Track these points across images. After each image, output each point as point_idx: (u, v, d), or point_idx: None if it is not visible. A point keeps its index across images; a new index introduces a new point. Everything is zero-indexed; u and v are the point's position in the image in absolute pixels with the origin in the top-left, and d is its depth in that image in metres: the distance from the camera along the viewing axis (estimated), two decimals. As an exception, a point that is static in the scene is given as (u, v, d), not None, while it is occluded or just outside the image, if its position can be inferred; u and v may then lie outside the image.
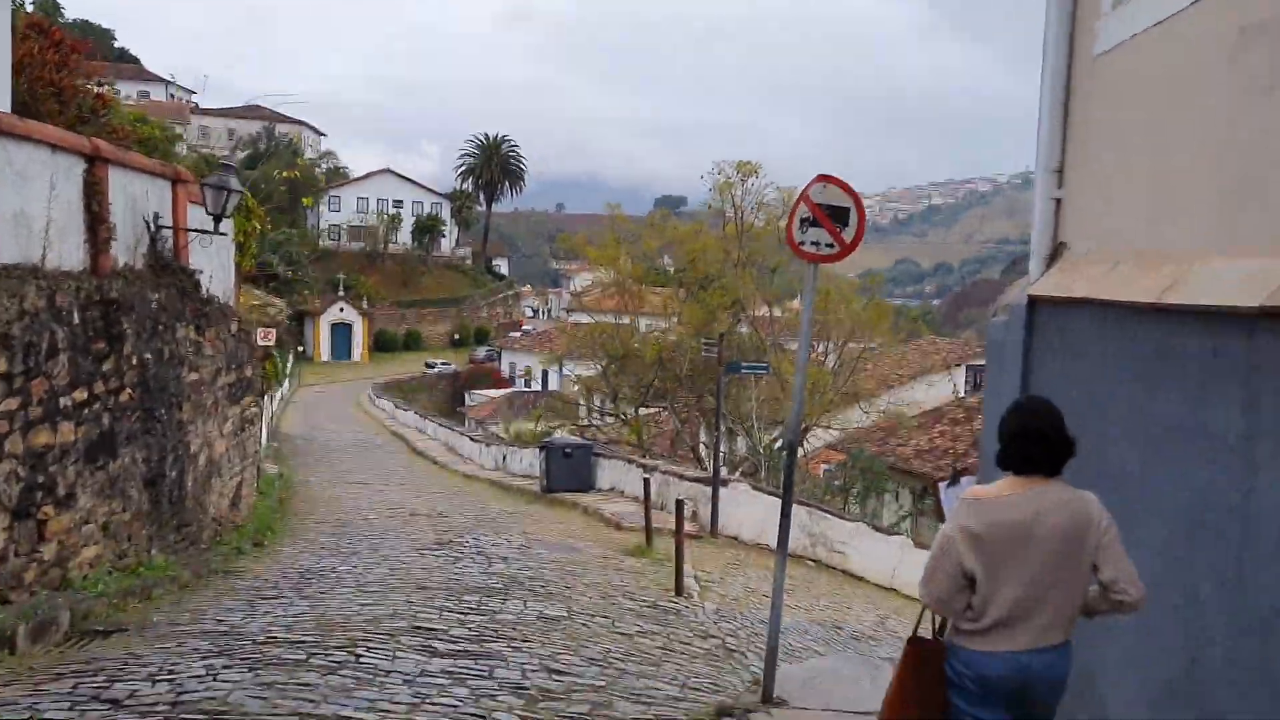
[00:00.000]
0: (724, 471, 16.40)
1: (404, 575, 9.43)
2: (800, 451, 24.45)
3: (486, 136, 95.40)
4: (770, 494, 15.44)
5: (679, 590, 10.06)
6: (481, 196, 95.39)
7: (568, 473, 19.48)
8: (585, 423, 29.60)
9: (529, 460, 23.87)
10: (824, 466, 27.24)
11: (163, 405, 9.30)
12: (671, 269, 27.57)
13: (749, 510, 15.26)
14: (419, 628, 6.95)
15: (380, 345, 77.19)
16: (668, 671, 6.78)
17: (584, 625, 7.81)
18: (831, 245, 5.89)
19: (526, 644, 6.82)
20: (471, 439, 32.23)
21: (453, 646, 6.48)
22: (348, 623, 7.03)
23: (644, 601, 9.36)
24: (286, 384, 59.28)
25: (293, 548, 11.49)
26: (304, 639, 6.40)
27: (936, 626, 3.91)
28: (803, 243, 5.92)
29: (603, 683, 6.15)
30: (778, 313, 23.56)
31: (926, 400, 32.43)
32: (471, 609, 7.89)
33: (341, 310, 74.66)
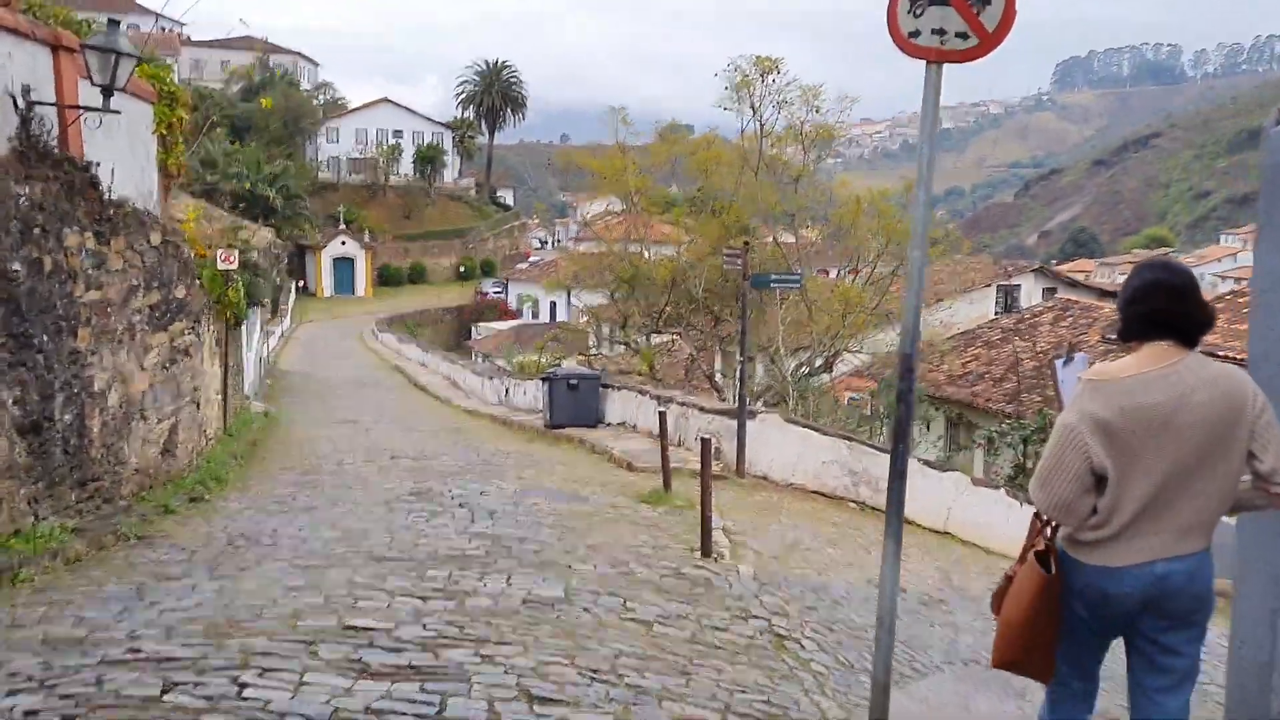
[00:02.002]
0: (748, 402, 14.34)
1: (358, 541, 7.45)
2: (826, 377, 22.46)
3: (486, 63, 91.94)
4: (805, 427, 13.40)
5: (706, 551, 8.08)
6: (483, 125, 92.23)
7: (573, 406, 17.51)
8: (594, 352, 27.57)
9: (533, 393, 21.93)
10: (849, 395, 25.21)
11: (44, 331, 7.27)
12: (681, 198, 25.23)
13: (780, 445, 13.25)
14: (352, 628, 4.96)
15: (384, 280, 75.21)
16: (703, 686, 4.79)
17: (586, 611, 5.83)
18: (964, 35, 3.72)
19: (503, 648, 4.83)
20: (474, 372, 30.35)
21: (393, 660, 4.49)
22: (254, 621, 5.05)
23: (664, 568, 7.38)
24: (288, 319, 57.76)
25: (238, 503, 9.53)
26: (178, 654, 4.42)
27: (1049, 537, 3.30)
28: (915, 33, 3.75)
29: (610, 714, 4.18)
30: (805, 233, 21.27)
31: (958, 323, 30.32)
32: (435, 591, 5.90)
33: (343, 244, 72.59)
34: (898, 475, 4.35)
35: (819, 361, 19.91)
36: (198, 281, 11.65)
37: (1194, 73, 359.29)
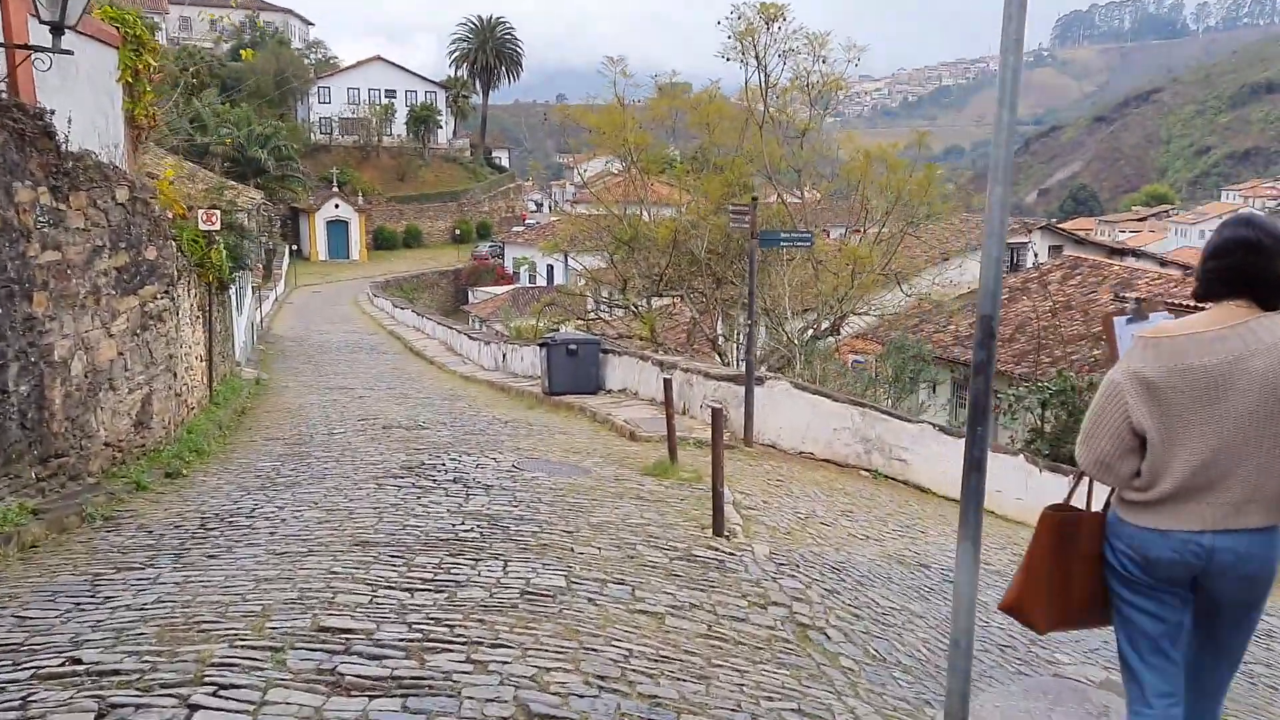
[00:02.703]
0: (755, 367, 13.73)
1: (342, 522, 6.86)
2: (833, 340, 21.85)
3: (480, 19, 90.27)
4: (815, 393, 12.81)
5: (718, 529, 7.51)
6: (477, 84, 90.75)
7: (572, 373, 16.90)
8: (593, 316, 26.92)
9: (530, 359, 21.33)
10: (853, 357, 24.60)
11: (-7, 295, 6.63)
12: (681, 157, 24.38)
13: (789, 412, 12.67)
14: (328, 629, 4.38)
15: (379, 243, 74.38)
16: (724, 693, 4.22)
17: (590, 602, 5.25)
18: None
19: (498, 651, 4.25)
20: (470, 337, 29.72)
21: (372, 670, 3.91)
22: (216, 623, 4.47)
23: (674, 549, 6.80)
24: (281, 284, 57.01)
25: (218, 478, 8.95)
26: (124, 666, 3.84)
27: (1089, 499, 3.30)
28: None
29: (621, 733, 3.62)
30: (810, 192, 20.51)
31: (966, 281, 29.66)
32: (423, 582, 5.32)
33: (337, 207, 71.64)
34: (974, 466, 3.74)
35: (825, 324, 19.26)
36: (174, 242, 10.97)
37: (1196, 26, 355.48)
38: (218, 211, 15.17)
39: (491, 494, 8.14)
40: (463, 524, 6.88)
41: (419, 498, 7.85)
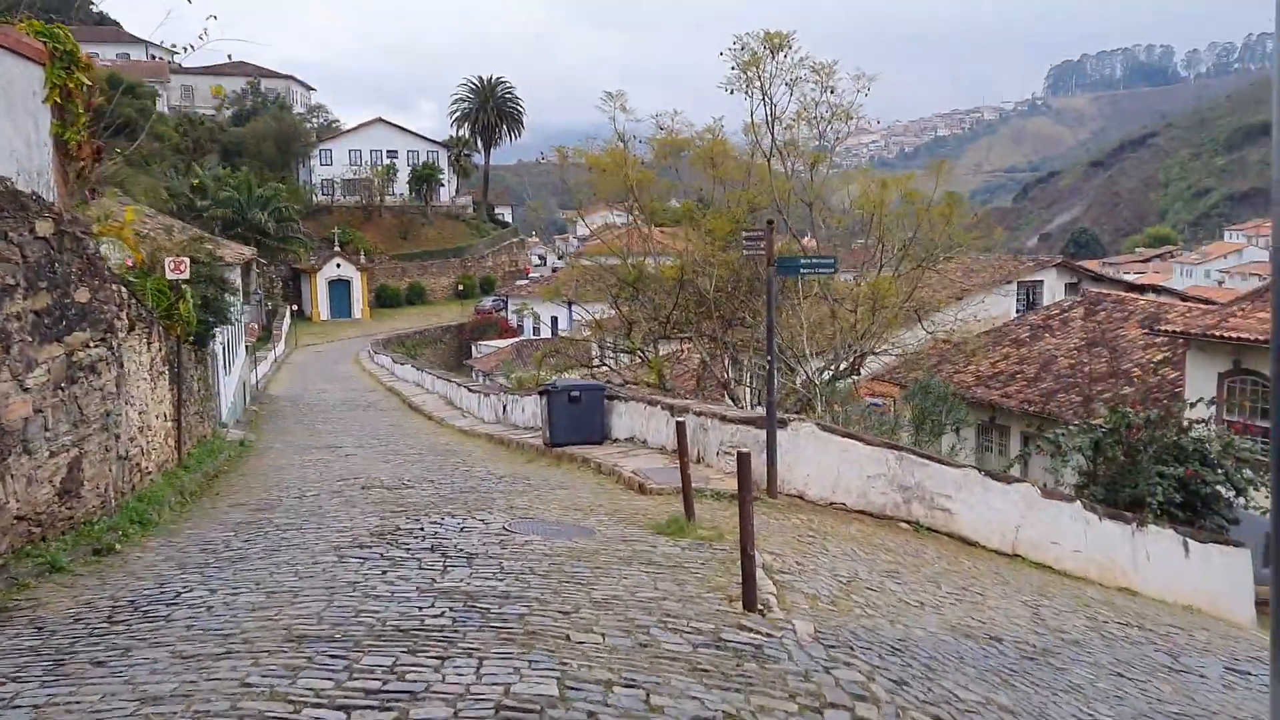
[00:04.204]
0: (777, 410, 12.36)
1: (283, 607, 5.51)
2: (853, 380, 20.52)
3: (481, 79, 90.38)
4: (846, 436, 11.45)
5: (749, 603, 6.13)
6: (479, 143, 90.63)
7: (575, 421, 15.58)
8: (598, 365, 25.64)
9: (532, 410, 20.03)
10: (869, 400, 23.23)
11: None
12: (683, 209, 23.28)
13: (817, 458, 11.31)
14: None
15: (381, 301, 73.60)
16: None
17: (590, 717, 3.88)
18: None
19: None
20: (470, 390, 28.48)
21: None
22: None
23: (697, 632, 5.42)
24: (282, 344, 56.04)
25: (155, 554, 7.60)
26: None
27: None
28: None
29: None
30: (821, 222, 19.30)
31: (981, 321, 28.38)
32: (366, 695, 3.96)
33: (338, 266, 70.98)
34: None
35: (844, 364, 17.94)
36: (120, 286, 9.75)
37: (1187, 73, 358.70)
38: (187, 260, 13.98)
39: (474, 565, 6.78)
40: (432, 606, 5.51)
41: (384, 572, 6.49)
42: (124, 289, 10.37)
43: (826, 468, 11.30)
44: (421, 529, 8.32)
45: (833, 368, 17.70)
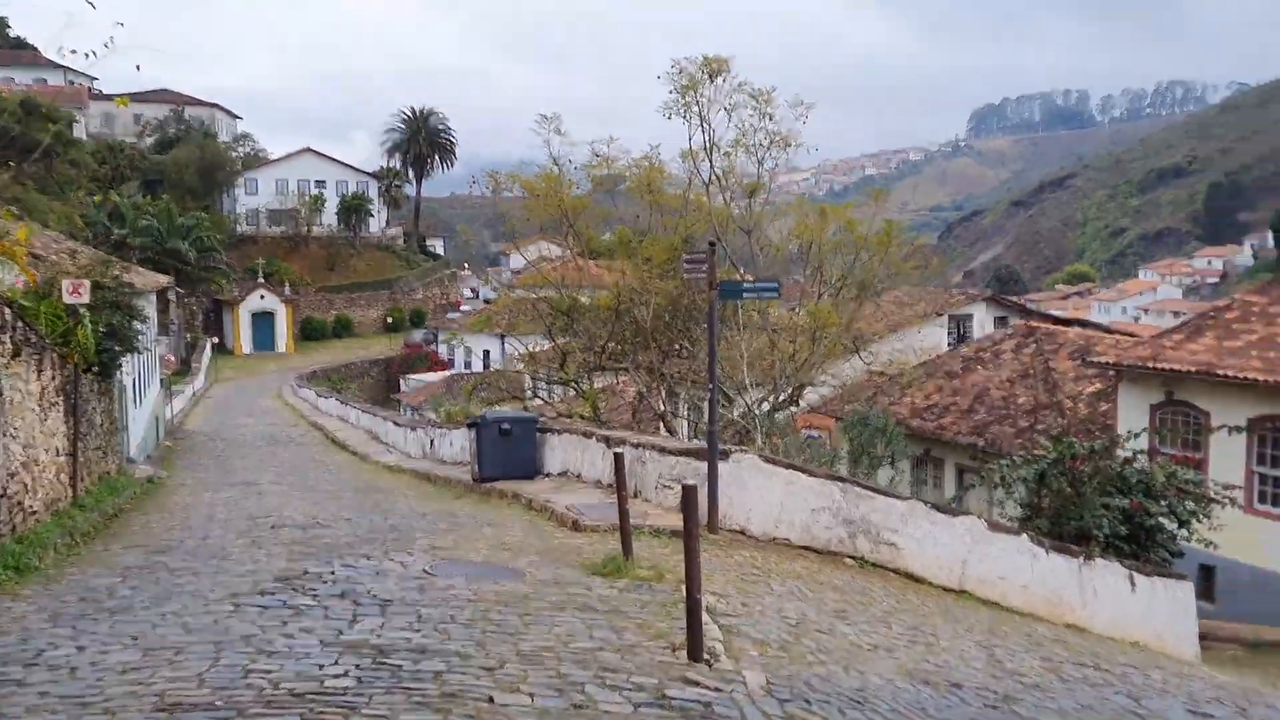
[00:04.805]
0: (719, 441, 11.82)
1: (156, 669, 4.76)
2: (793, 411, 20.17)
3: (414, 110, 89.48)
4: (790, 468, 10.97)
5: (695, 652, 5.54)
6: (410, 173, 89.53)
7: (506, 455, 14.88)
8: (531, 398, 24.94)
9: (461, 443, 19.24)
10: (806, 432, 22.92)
11: None
12: (617, 241, 22.78)
13: (760, 491, 10.80)
14: None
15: (307, 334, 71.72)
16: None
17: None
18: None
19: None
20: (396, 424, 27.53)
21: None
22: None
23: (639, 689, 4.81)
24: (201, 378, 54.10)
25: (28, 604, 6.74)
26: None
27: None
28: None
29: None
30: (759, 251, 18.97)
31: (916, 353, 28.38)
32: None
33: (262, 298, 69.08)
34: None
35: (783, 395, 17.55)
36: (3, 308, 8.87)
37: (1101, 117, 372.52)
38: (88, 284, 13.03)
39: (388, 613, 6.09)
40: (335, 664, 4.82)
41: (284, 623, 5.76)
42: (7, 310, 9.48)
43: (770, 501, 10.79)
44: (332, 573, 7.58)
45: (772, 399, 17.29)
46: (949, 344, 32.88)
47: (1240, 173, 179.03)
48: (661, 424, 19.30)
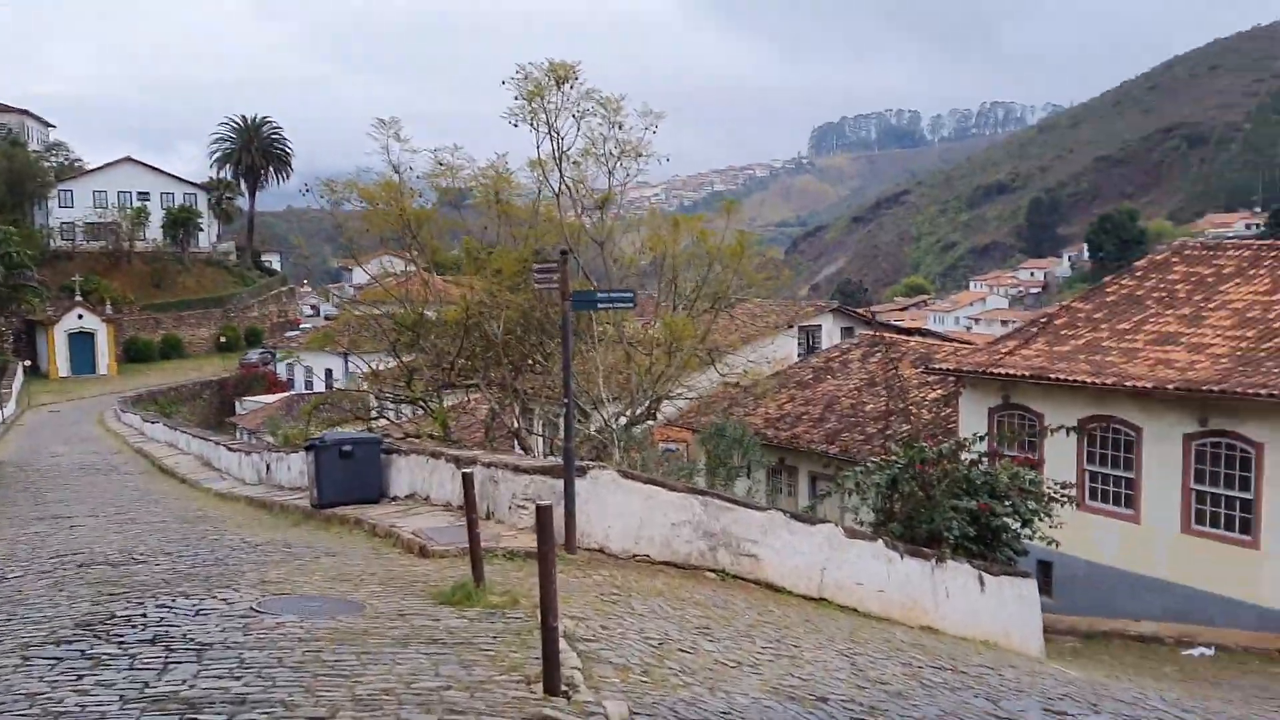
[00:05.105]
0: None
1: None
2: (650, 424, 19.95)
3: (245, 119, 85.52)
4: (649, 483, 10.65)
5: (551, 685, 5.10)
6: (243, 185, 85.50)
7: (348, 478, 14.02)
8: (376, 418, 23.87)
9: (299, 468, 18.13)
10: (663, 445, 22.81)
11: None
12: (463, 253, 22.01)
13: (619, 507, 10.43)
14: None
15: (132, 355, 67.32)
16: None
17: None
18: None
19: None
20: (230, 449, 25.88)
21: None
22: None
23: (491, 732, 4.34)
24: (12, 404, 49.92)
25: None
26: None
27: None
28: None
29: None
30: (613, 263, 18.69)
31: (769, 364, 28.76)
32: None
33: (80, 318, 64.43)
34: None
35: (640, 409, 17.29)
36: None
37: (932, 136, 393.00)
38: None
39: (205, 659, 5.39)
40: (133, 728, 4.15)
41: (80, 678, 5.00)
42: None
43: (629, 517, 10.45)
44: (144, 615, 6.76)
45: (629, 413, 17.00)
46: (799, 354, 33.56)
47: (1057, 189, 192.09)
48: (516, 441, 18.73)
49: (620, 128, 17.79)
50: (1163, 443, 16.96)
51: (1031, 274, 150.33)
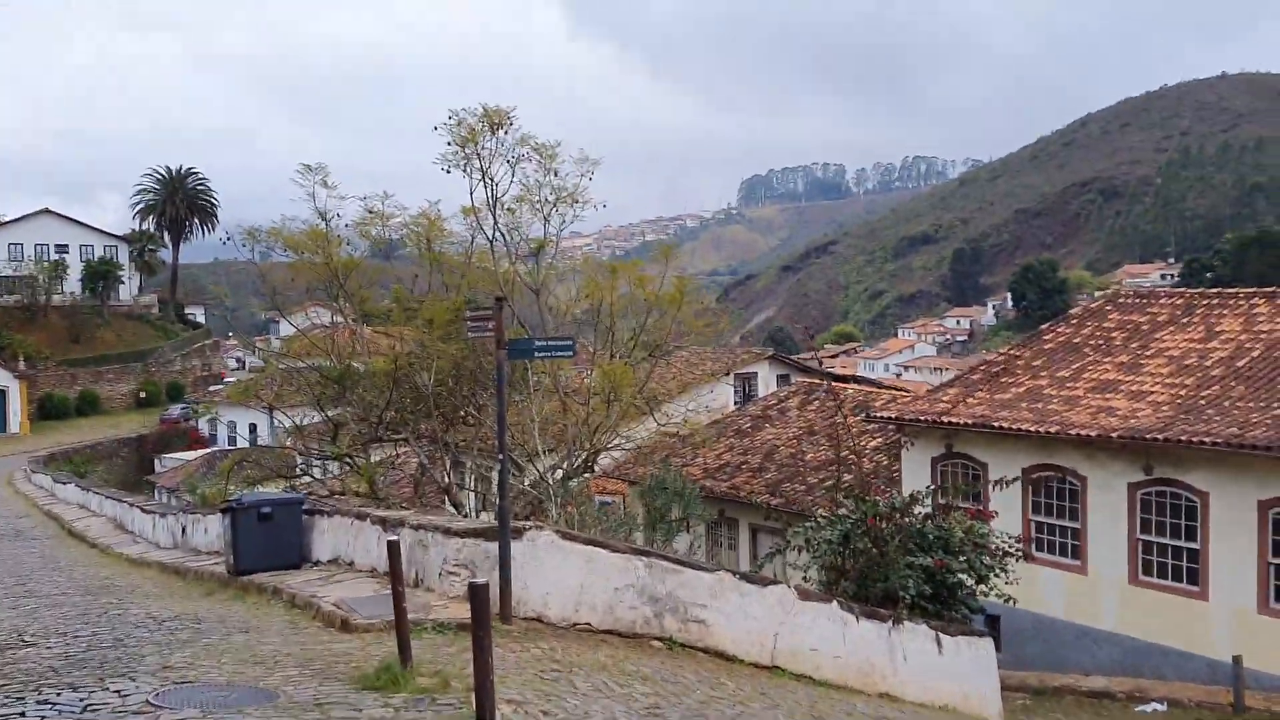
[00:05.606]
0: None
1: None
2: (587, 477, 19.28)
3: (169, 169, 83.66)
4: (590, 544, 9.99)
5: (494, 795, 4.41)
6: (167, 237, 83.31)
7: (267, 543, 13.08)
8: (302, 476, 22.80)
9: (217, 531, 17.05)
10: (599, 499, 22.12)
11: None
12: (394, 301, 21.29)
13: (558, 572, 9.74)
14: None
15: (47, 412, 64.49)
16: None
17: None
18: None
19: None
20: (144, 510, 24.48)
21: None
22: None
23: None
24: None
25: None
26: None
27: None
28: None
29: None
30: (548, 311, 18.15)
31: (709, 413, 28.33)
32: None
33: (-10, 375, 61.59)
34: None
35: (577, 461, 16.64)
36: None
37: (857, 189, 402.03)
38: None
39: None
40: None
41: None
42: None
43: (569, 582, 9.76)
44: (22, 715, 5.89)
45: (566, 465, 16.34)
46: (736, 402, 33.23)
47: (979, 240, 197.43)
48: (447, 498, 17.90)
49: (556, 174, 17.38)
50: (1108, 492, 16.82)
51: (958, 322, 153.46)
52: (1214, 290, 21.58)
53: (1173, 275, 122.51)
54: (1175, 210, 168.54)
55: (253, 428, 46.05)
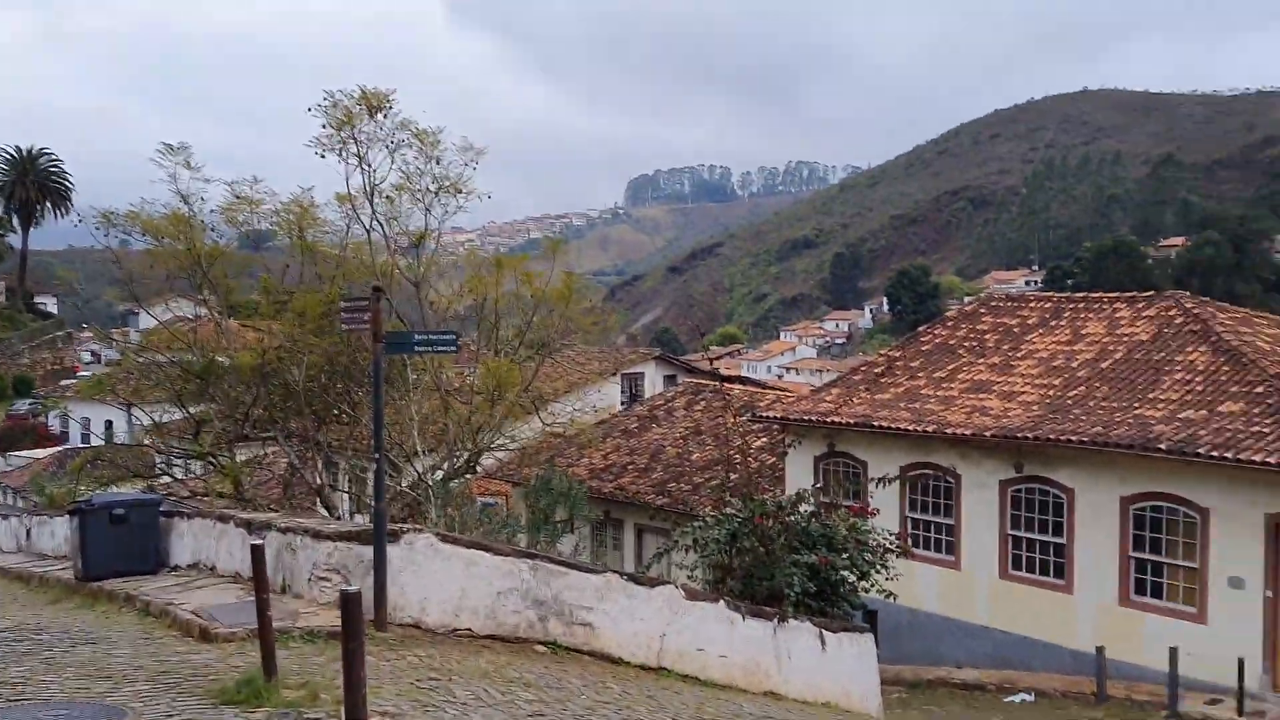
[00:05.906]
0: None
1: None
2: (469, 478, 18.74)
3: (19, 149, 78.42)
4: (471, 546, 9.57)
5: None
6: (16, 221, 78.17)
7: (119, 547, 12.18)
8: (162, 476, 21.54)
9: (65, 534, 15.89)
10: (482, 500, 21.61)
11: None
12: (264, 293, 20.26)
13: (437, 576, 9.30)
14: None
15: (-123, 408, 59.66)
16: None
17: None
18: None
19: None
20: (-16, 513, 22.77)
21: None
22: None
23: None
24: None
25: None
26: None
27: None
28: None
29: None
30: (429, 306, 17.53)
31: (595, 412, 28.06)
32: None
33: None
34: None
35: (459, 462, 16.13)
36: None
37: (742, 192, 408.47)
38: None
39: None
40: None
41: None
42: None
43: (449, 587, 9.33)
44: None
45: (447, 466, 15.80)
46: (622, 403, 33.06)
47: (858, 245, 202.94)
48: (319, 500, 17.12)
49: (438, 162, 16.80)
50: (981, 489, 17.27)
51: (837, 325, 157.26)
52: (1080, 295, 22.46)
53: (1036, 281, 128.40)
54: (1039, 219, 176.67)
55: (108, 425, 43.51)
